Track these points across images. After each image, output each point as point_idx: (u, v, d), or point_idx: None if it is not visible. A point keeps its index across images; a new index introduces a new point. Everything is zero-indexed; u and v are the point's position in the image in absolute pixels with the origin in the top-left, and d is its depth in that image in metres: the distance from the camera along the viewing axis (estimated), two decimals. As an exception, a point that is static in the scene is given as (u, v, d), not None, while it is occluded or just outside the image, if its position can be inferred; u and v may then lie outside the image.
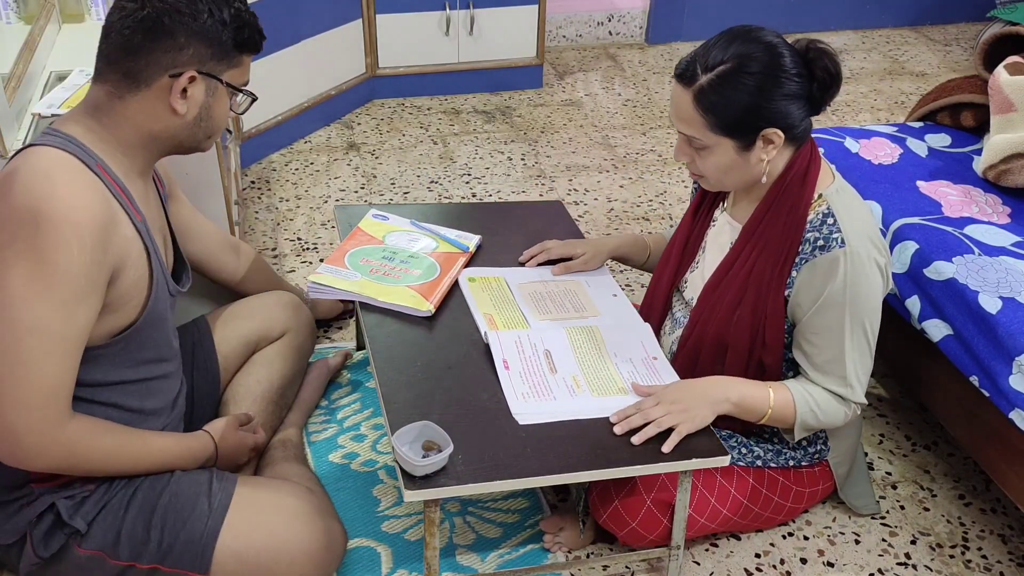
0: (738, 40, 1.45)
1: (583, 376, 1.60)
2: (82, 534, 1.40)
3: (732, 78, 1.42)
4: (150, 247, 1.38)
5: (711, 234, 1.69)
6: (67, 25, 2.42)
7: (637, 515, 1.59)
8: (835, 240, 1.48)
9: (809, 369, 1.57)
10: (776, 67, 1.43)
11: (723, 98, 1.42)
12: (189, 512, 1.45)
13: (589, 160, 3.21)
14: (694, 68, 1.45)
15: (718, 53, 1.44)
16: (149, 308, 1.40)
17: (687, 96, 1.45)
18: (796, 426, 1.57)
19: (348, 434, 1.99)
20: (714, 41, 1.47)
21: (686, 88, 1.45)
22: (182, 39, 1.31)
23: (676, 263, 1.74)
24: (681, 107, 1.47)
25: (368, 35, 3.38)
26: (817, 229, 1.50)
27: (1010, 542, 1.83)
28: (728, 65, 1.43)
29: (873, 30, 4.48)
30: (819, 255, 1.49)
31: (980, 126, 2.26)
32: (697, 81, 1.44)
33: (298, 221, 2.78)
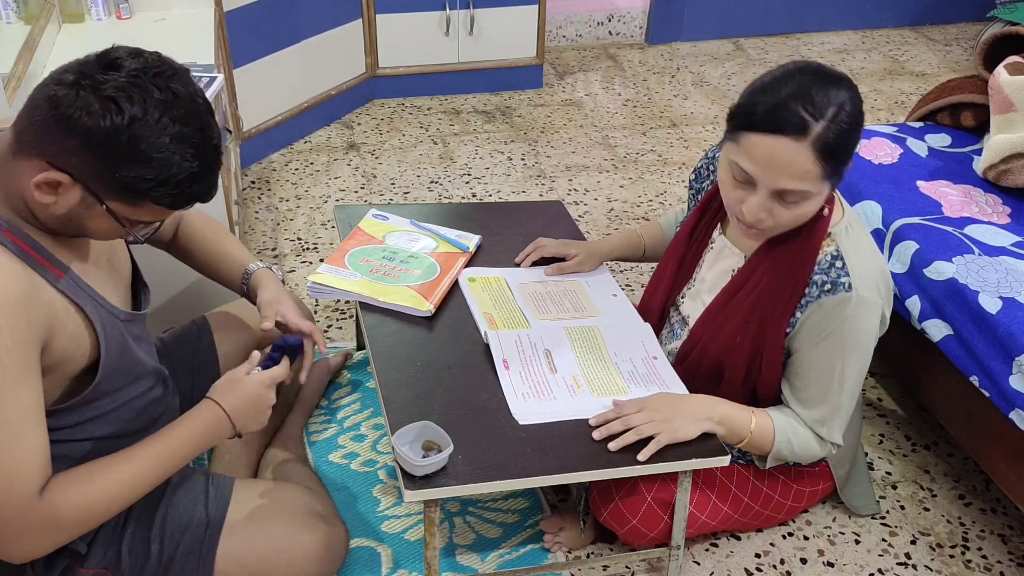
0: (825, 82, 1.34)
1: (583, 376, 1.60)
2: (83, 555, 1.38)
3: (847, 120, 1.33)
4: (79, 300, 1.25)
5: (709, 256, 1.66)
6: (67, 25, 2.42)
7: (637, 513, 1.60)
8: (842, 285, 1.45)
9: (792, 401, 1.56)
10: (860, 98, 1.37)
11: (842, 142, 1.34)
12: (187, 522, 1.44)
13: (589, 160, 3.21)
14: (801, 117, 1.32)
15: (820, 96, 1.32)
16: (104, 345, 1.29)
17: (804, 148, 1.32)
18: (770, 455, 1.57)
19: (348, 434, 1.99)
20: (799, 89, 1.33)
21: (799, 139, 1.32)
22: (75, 142, 1.12)
23: (671, 282, 1.72)
24: (795, 162, 1.33)
25: (368, 35, 3.38)
26: (825, 272, 1.47)
27: (1010, 542, 1.83)
28: (837, 107, 1.32)
29: (873, 30, 4.48)
30: (825, 298, 1.46)
31: (980, 126, 2.26)
32: (812, 130, 1.32)
33: (298, 221, 2.78)
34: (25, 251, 1.19)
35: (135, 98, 1.12)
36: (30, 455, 1.17)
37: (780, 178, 1.35)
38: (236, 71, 2.80)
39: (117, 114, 1.11)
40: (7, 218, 1.19)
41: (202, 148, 1.18)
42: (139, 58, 1.16)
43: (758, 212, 1.40)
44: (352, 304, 2.35)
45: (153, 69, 1.15)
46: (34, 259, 1.20)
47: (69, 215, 1.19)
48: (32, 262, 1.19)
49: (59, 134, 1.12)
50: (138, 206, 1.19)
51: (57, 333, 1.22)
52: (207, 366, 1.76)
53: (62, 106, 1.11)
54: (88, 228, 1.22)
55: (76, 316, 1.25)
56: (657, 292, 1.74)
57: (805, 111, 1.32)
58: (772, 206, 1.40)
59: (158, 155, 1.14)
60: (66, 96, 1.11)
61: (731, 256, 1.61)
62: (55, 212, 1.18)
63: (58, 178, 1.14)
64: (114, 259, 1.40)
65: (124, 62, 1.14)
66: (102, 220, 1.21)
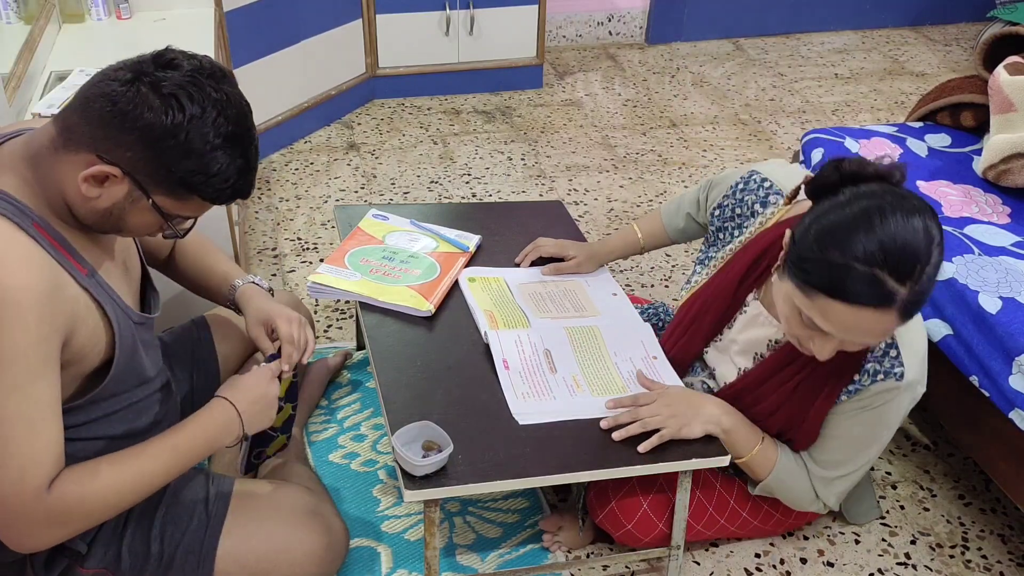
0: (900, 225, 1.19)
1: (583, 376, 1.60)
2: (83, 554, 1.39)
3: (930, 274, 1.21)
4: (100, 297, 1.27)
5: (741, 318, 1.57)
6: (67, 25, 2.42)
7: (633, 517, 1.59)
8: (895, 375, 1.40)
9: (807, 456, 1.55)
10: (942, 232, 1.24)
11: (922, 298, 1.23)
12: (187, 521, 1.45)
13: (589, 160, 3.21)
14: (887, 290, 1.19)
15: (906, 254, 1.18)
16: (119, 346, 1.31)
17: (889, 315, 1.21)
18: (760, 484, 1.56)
19: (348, 434, 1.99)
20: (888, 259, 1.19)
21: (886, 309, 1.21)
22: (132, 137, 1.15)
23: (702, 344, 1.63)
24: (878, 329, 1.24)
25: (368, 35, 3.38)
26: (879, 360, 1.41)
27: (1010, 542, 1.83)
28: (924, 264, 1.19)
29: (873, 30, 4.48)
30: (874, 385, 1.42)
31: (980, 126, 2.26)
32: (899, 297, 1.20)
33: (298, 221, 2.78)
34: (54, 246, 1.21)
35: (195, 97, 1.16)
36: (44, 449, 1.19)
37: (859, 338, 1.27)
38: (236, 71, 2.80)
39: (179, 111, 1.15)
40: (40, 213, 1.21)
41: (248, 146, 1.23)
42: (194, 59, 1.21)
43: (828, 355, 1.32)
44: (352, 304, 2.35)
45: (207, 70, 1.20)
46: (62, 255, 1.22)
47: (111, 209, 1.22)
48: (60, 257, 1.21)
49: (116, 129, 1.15)
50: (184, 201, 1.23)
51: (78, 329, 1.23)
52: (206, 366, 1.76)
53: (121, 102, 1.15)
54: (127, 223, 1.25)
55: (96, 314, 1.27)
56: (693, 345, 1.64)
57: (891, 279, 1.19)
58: (842, 346, 1.32)
59: (212, 152, 1.18)
60: (125, 93, 1.15)
61: (766, 325, 1.53)
62: (97, 206, 1.21)
63: (110, 171, 1.17)
64: (128, 261, 1.42)
65: (181, 62, 1.19)
66: (145, 215, 1.24)
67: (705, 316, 1.61)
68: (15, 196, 1.19)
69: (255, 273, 2.51)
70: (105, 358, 1.31)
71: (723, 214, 1.65)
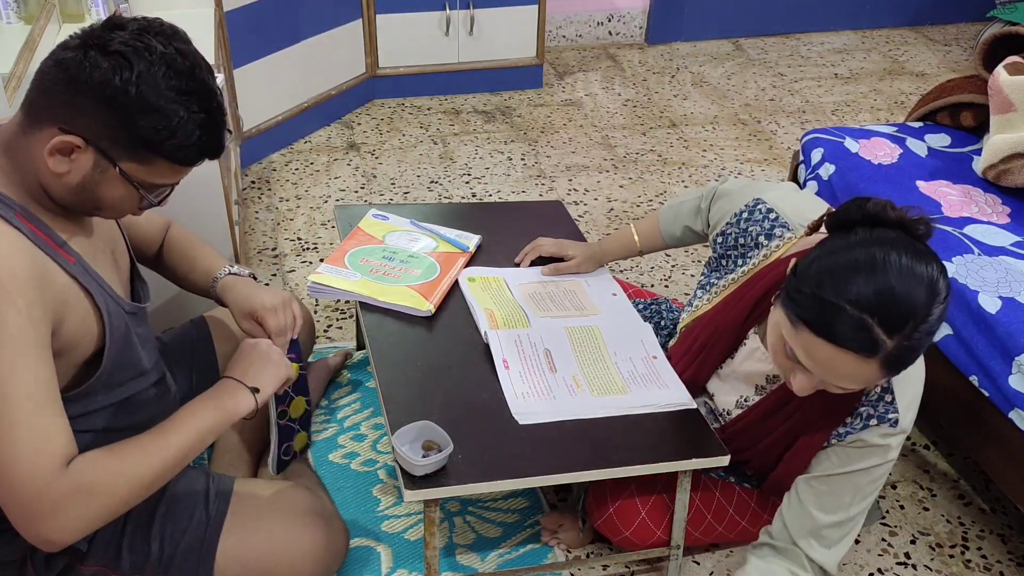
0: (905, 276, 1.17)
1: (583, 375, 1.60)
2: (83, 552, 1.39)
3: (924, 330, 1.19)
4: (89, 286, 1.27)
5: (743, 351, 1.55)
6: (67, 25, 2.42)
7: (631, 524, 1.59)
8: (889, 421, 1.38)
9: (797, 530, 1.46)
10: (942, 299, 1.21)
11: (910, 353, 1.20)
12: (187, 520, 1.45)
13: (589, 160, 3.21)
14: (873, 339, 1.17)
15: (901, 307, 1.16)
16: (109, 335, 1.30)
17: (870, 365, 1.20)
18: None
19: (348, 434, 2.00)
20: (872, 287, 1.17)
21: (867, 358, 1.19)
22: (86, 101, 1.14)
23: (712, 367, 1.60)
24: (857, 375, 1.22)
25: (368, 35, 3.38)
26: (873, 405, 1.39)
27: (1010, 542, 1.83)
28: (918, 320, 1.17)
29: (873, 30, 4.48)
30: (867, 431, 1.39)
31: (980, 126, 2.26)
32: (884, 349, 1.18)
33: (298, 221, 2.78)
34: (39, 235, 1.20)
35: (141, 53, 1.16)
36: (54, 427, 1.17)
37: (837, 379, 1.25)
38: (236, 71, 2.80)
39: (126, 69, 1.15)
40: (21, 203, 1.21)
41: (207, 100, 1.21)
42: (142, 20, 1.21)
43: (806, 391, 1.31)
44: (352, 304, 2.35)
45: (155, 28, 1.20)
46: (47, 243, 1.21)
47: (83, 183, 1.21)
48: (45, 246, 1.21)
49: (70, 95, 1.15)
50: (150, 165, 1.21)
51: (68, 317, 1.23)
52: (207, 367, 1.76)
53: (71, 68, 1.15)
54: (102, 198, 1.24)
55: (85, 301, 1.27)
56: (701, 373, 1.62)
57: (880, 328, 1.17)
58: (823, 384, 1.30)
59: (168, 107, 1.17)
60: (74, 58, 1.15)
61: (763, 361, 1.51)
62: (69, 182, 1.20)
63: (72, 141, 1.16)
64: (116, 251, 1.42)
65: (127, 23, 1.19)
66: (116, 186, 1.22)
67: (712, 349, 1.58)
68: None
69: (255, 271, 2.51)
70: (97, 347, 1.30)
71: (726, 242, 1.60)
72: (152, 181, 1.24)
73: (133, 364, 1.39)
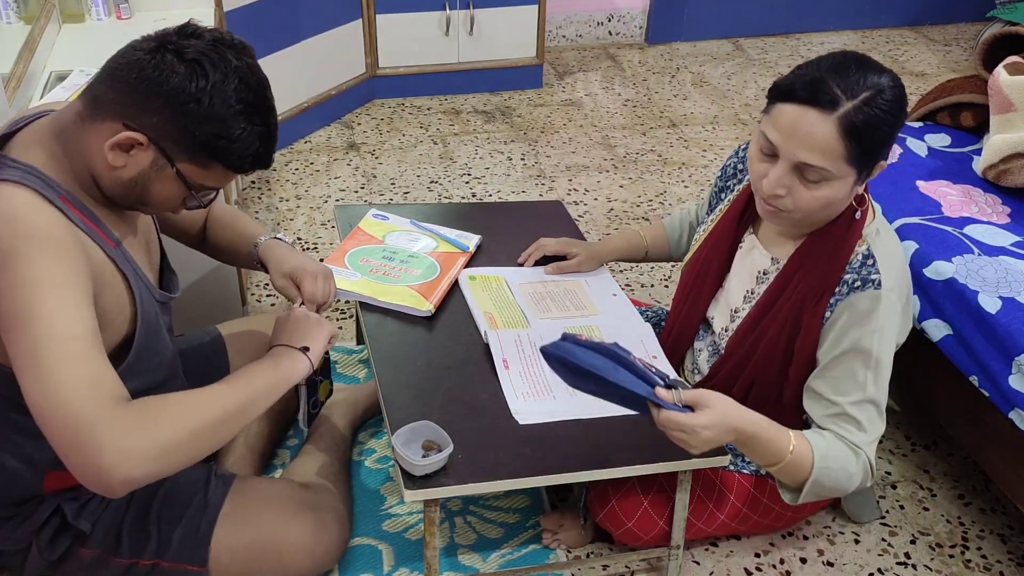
0: (864, 67, 1.35)
1: (583, 376, 1.60)
2: (86, 535, 1.41)
3: (880, 105, 1.32)
4: (126, 269, 1.31)
5: (739, 254, 1.62)
6: (67, 25, 2.42)
7: (633, 516, 1.59)
8: (873, 282, 1.42)
9: (822, 417, 1.47)
10: (903, 95, 1.36)
11: (870, 126, 1.32)
12: (185, 507, 1.47)
13: (589, 160, 3.21)
14: (831, 92, 1.31)
15: (857, 79, 1.32)
16: (140, 321, 1.33)
17: (828, 123, 1.31)
18: (807, 483, 1.41)
19: (368, 431, 2.00)
20: (837, 66, 1.34)
21: (825, 113, 1.31)
22: (157, 103, 1.18)
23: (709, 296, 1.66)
24: (816, 135, 1.32)
25: (368, 35, 3.38)
26: (856, 271, 1.44)
27: (1010, 542, 1.83)
28: (872, 92, 1.32)
29: (873, 30, 4.48)
30: (854, 295, 1.43)
31: (980, 126, 2.26)
32: (842, 106, 1.30)
33: (298, 221, 2.78)
34: (81, 219, 1.24)
35: (217, 64, 1.20)
36: (108, 370, 1.16)
37: (801, 149, 1.33)
38: (236, 71, 2.80)
39: (202, 77, 1.18)
40: (68, 188, 1.24)
41: (268, 115, 1.26)
42: (215, 31, 1.25)
43: (776, 186, 1.38)
44: (352, 304, 2.35)
45: (228, 41, 1.24)
46: (89, 226, 1.25)
47: (135, 179, 1.24)
48: (87, 228, 1.24)
49: (143, 95, 1.19)
50: (207, 169, 1.25)
51: (103, 292, 1.25)
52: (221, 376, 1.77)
53: (147, 69, 1.18)
54: (151, 194, 1.27)
55: (120, 285, 1.30)
56: (700, 300, 1.67)
57: (838, 87, 1.31)
58: (792, 183, 1.37)
59: (234, 118, 1.21)
60: (151, 60, 1.19)
61: (759, 257, 1.57)
62: (122, 176, 1.24)
63: (136, 138, 1.20)
64: (150, 242, 1.45)
65: (203, 32, 1.23)
66: (169, 184, 1.26)
67: (710, 267, 1.64)
68: (43, 171, 1.22)
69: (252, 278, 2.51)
70: (127, 334, 1.33)
71: (724, 174, 1.71)
72: (204, 183, 1.28)
73: (159, 353, 1.42)
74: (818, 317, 1.47)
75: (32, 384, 1.12)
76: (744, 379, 1.58)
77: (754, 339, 1.55)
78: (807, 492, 1.42)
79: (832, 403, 1.46)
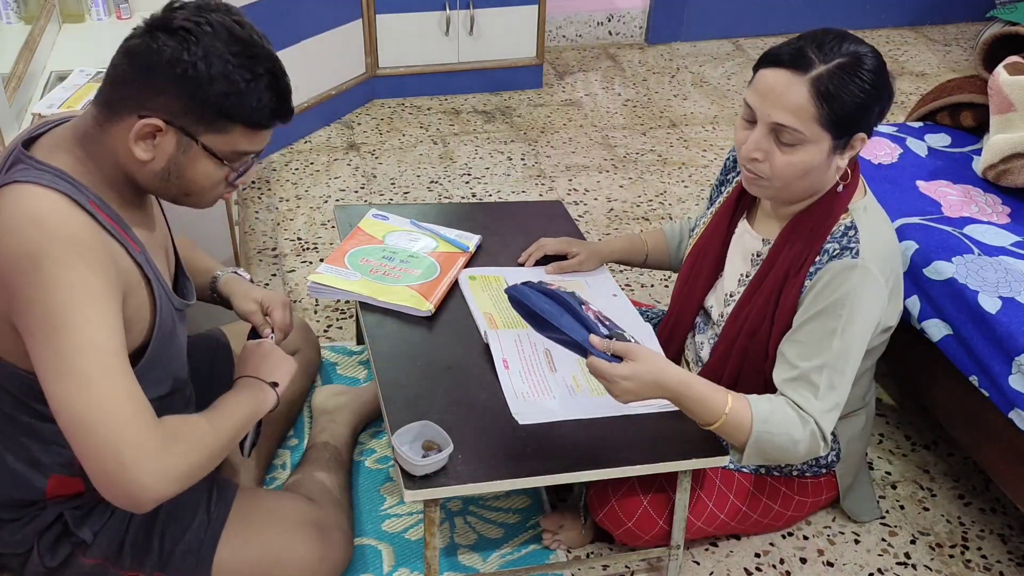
0: (843, 37, 1.40)
1: (583, 375, 1.60)
2: (88, 544, 1.40)
3: (852, 71, 1.37)
4: (150, 275, 1.31)
5: (733, 240, 1.66)
6: (67, 25, 2.43)
7: (633, 515, 1.60)
8: (851, 251, 1.44)
9: (782, 382, 1.47)
10: (884, 71, 1.40)
11: (842, 90, 1.36)
12: (189, 521, 1.45)
13: (589, 160, 3.21)
14: (806, 55, 1.38)
15: (833, 46, 1.38)
16: (157, 329, 1.33)
17: (801, 83, 1.37)
18: (748, 444, 1.42)
19: (368, 431, 2.00)
20: (810, 36, 1.41)
21: (800, 74, 1.37)
22: (160, 82, 1.19)
23: (705, 285, 1.70)
24: (789, 95, 1.37)
25: (368, 35, 3.38)
26: (838, 240, 1.47)
27: (1010, 542, 1.83)
28: (847, 59, 1.37)
29: (873, 30, 4.48)
30: (832, 262, 1.45)
31: (980, 126, 2.26)
32: (814, 68, 1.37)
33: (298, 221, 2.78)
34: (110, 223, 1.24)
35: (203, 26, 1.20)
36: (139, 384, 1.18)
37: (774, 109, 1.39)
38: (236, 71, 2.80)
39: (193, 43, 1.19)
40: (96, 192, 1.24)
41: (269, 62, 1.25)
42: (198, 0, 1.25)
43: (753, 148, 1.43)
44: (352, 304, 2.35)
45: (211, 6, 1.24)
46: (117, 231, 1.25)
47: (168, 169, 1.25)
48: (114, 232, 1.24)
49: (144, 79, 1.19)
50: (228, 133, 1.24)
51: (129, 298, 1.26)
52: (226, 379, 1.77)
53: (141, 52, 1.19)
54: (188, 180, 1.27)
55: (144, 290, 1.30)
56: (695, 289, 1.71)
57: (813, 52, 1.37)
58: (770, 147, 1.42)
59: (235, 72, 1.20)
60: (141, 43, 1.19)
61: (751, 240, 1.61)
62: (155, 168, 1.24)
63: (154, 123, 1.20)
64: (167, 248, 1.46)
65: (186, 4, 1.23)
66: (201, 164, 1.26)
67: (706, 254, 1.68)
68: (71, 174, 1.22)
69: (255, 273, 2.51)
70: (143, 341, 1.33)
71: (724, 168, 1.76)
72: (234, 149, 1.27)
73: (171, 360, 1.41)
74: (797, 286, 1.49)
75: (68, 393, 1.12)
76: (735, 357, 1.59)
77: (744, 316, 1.57)
78: (748, 454, 1.44)
79: (793, 366, 1.46)
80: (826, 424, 1.45)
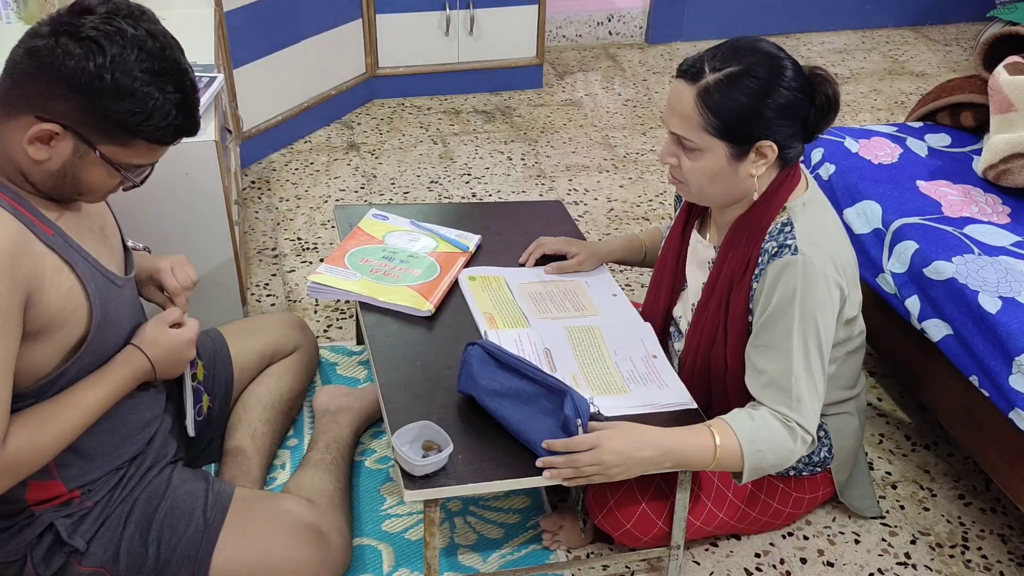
0: (745, 48, 1.44)
1: (583, 375, 1.60)
2: (82, 552, 1.39)
3: (738, 80, 1.40)
4: (69, 258, 1.27)
5: (688, 253, 1.69)
6: (67, 25, 2.42)
7: (632, 517, 1.59)
8: (788, 247, 1.45)
9: (756, 389, 1.48)
10: (778, 76, 1.42)
11: (726, 99, 1.40)
12: (185, 526, 1.45)
13: (589, 160, 3.21)
14: (700, 66, 1.43)
15: (726, 56, 1.42)
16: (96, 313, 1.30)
17: (689, 93, 1.43)
18: (746, 469, 1.44)
19: (368, 431, 2.00)
20: (720, 46, 1.45)
21: (690, 84, 1.43)
22: (61, 89, 1.15)
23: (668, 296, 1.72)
24: (681, 104, 1.44)
25: (368, 35, 3.38)
26: (775, 238, 1.48)
27: (1010, 542, 1.83)
28: (735, 68, 1.41)
29: (873, 30, 4.48)
30: (774, 261, 1.46)
31: (980, 126, 2.26)
32: (703, 79, 1.42)
33: (298, 221, 2.78)
34: (15, 207, 1.21)
35: (113, 37, 1.16)
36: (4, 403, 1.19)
37: (671, 118, 1.46)
38: (236, 71, 2.80)
39: (99, 54, 1.15)
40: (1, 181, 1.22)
41: (180, 79, 1.22)
42: (109, 2, 1.20)
43: (665, 154, 1.51)
44: (352, 304, 2.35)
45: (124, 11, 1.20)
46: (24, 215, 1.22)
47: (63, 170, 1.22)
48: (22, 218, 1.21)
49: (45, 83, 1.16)
50: (129, 147, 1.22)
51: (46, 289, 1.23)
52: (224, 377, 1.77)
53: (44, 55, 1.15)
54: (83, 182, 1.24)
55: (70, 276, 1.27)
56: (659, 299, 1.74)
57: (708, 63, 1.43)
58: (679, 154, 1.48)
59: (143, 89, 1.17)
60: (45, 45, 1.15)
61: (703, 249, 1.64)
62: (50, 169, 1.21)
63: (51, 129, 1.17)
64: (106, 228, 1.42)
65: (96, 7, 1.19)
66: (97, 169, 1.23)
67: (664, 267, 1.71)
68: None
69: (255, 273, 2.51)
70: (86, 330, 1.31)
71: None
72: (132, 162, 1.25)
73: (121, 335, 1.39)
74: (745, 290, 1.51)
75: None
76: (700, 366, 1.61)
77: (702, 325, 1.59)
78: (747, 476, 1.46)
79: (761, 371, 1.48)
80: (810, 424, 1.47)
